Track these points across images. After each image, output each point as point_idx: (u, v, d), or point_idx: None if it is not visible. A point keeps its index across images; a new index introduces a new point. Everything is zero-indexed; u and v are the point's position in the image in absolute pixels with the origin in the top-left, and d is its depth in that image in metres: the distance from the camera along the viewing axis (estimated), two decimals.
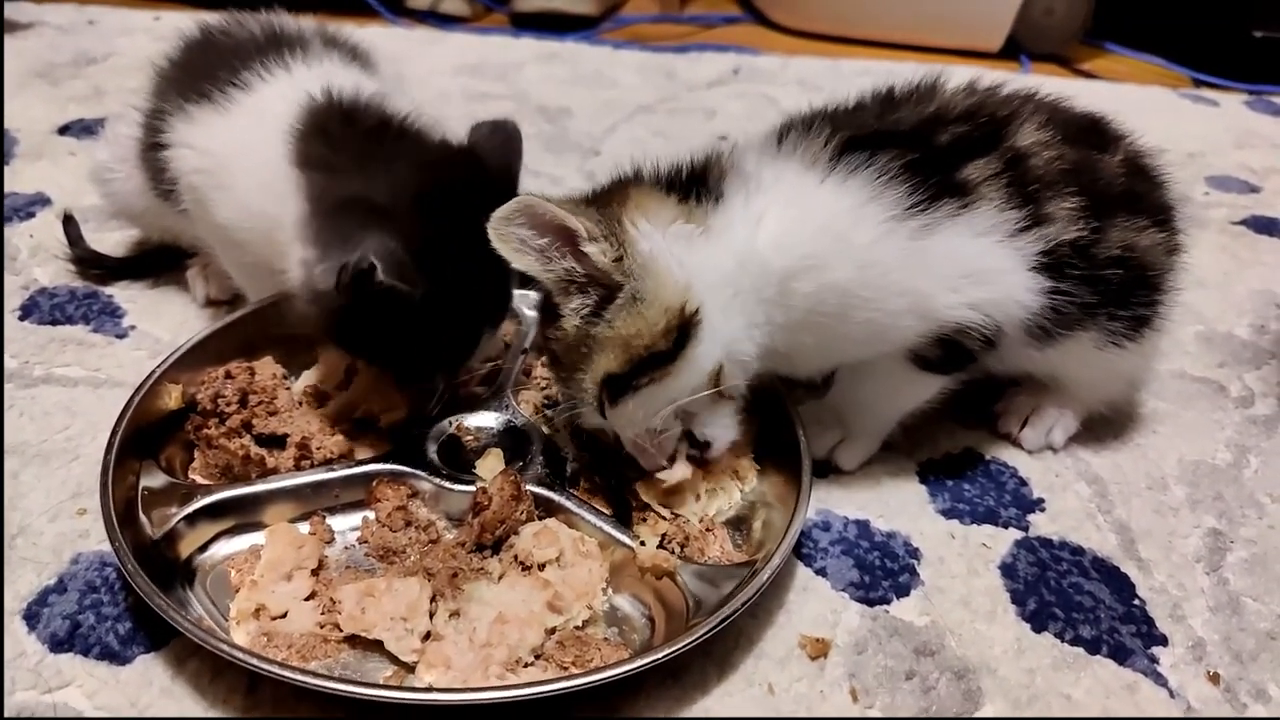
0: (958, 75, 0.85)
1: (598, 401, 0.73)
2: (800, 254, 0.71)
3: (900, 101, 0.82)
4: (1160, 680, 0.70)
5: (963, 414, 0.92)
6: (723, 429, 0.78)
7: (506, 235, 0.69)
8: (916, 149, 0.73)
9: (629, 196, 0.73)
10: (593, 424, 0.77)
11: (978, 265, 0.73)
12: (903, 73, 0.85)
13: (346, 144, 0.79)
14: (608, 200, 0.73)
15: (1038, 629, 0.73)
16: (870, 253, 0.71)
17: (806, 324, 0.74)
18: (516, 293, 1.01)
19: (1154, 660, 0.71)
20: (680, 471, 0.79)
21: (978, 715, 0.66)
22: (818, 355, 0.80)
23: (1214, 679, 0.70)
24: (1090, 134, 0.84)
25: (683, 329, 0.70)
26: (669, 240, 0.71)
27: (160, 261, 1.09)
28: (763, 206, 0.73)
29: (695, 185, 0.75)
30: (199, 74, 0.88)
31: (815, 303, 0.73)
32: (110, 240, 1.13)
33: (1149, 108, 1.86)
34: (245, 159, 0.82)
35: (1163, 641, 0.73)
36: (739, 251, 0.72)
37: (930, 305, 0.73)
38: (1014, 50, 2.19)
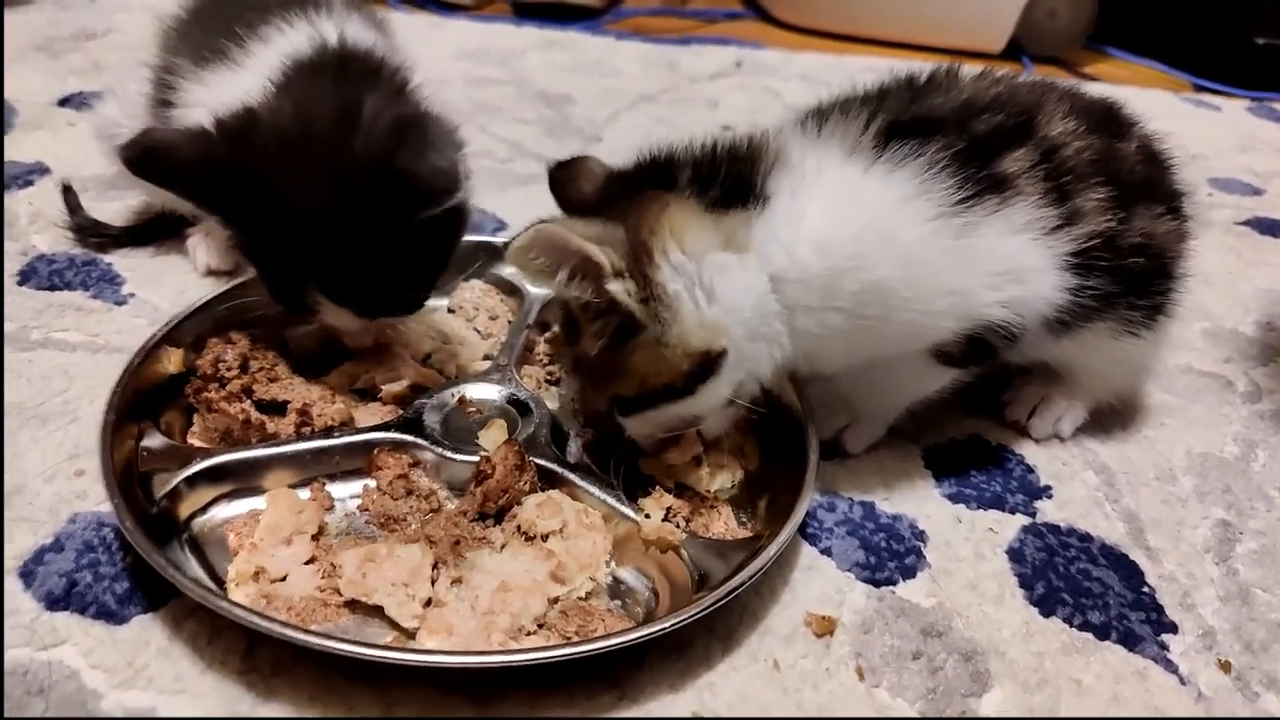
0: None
1: (607, 409, 0.73)
2: (845, 254, 0.68)
3: (928, 87, 0.79)
4: (1170, 667, 0.69)
5: (969, 401, 0.91)
6: (718, 421, 0.78)
7: (525, 264, 0.67)
8: (961, 138, 0.70)
9: (663, 219, 0.68)
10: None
11: (1016, 262, 0.71)
12: (908, 69, 0.82)
13: (330, 81, 0.77)
14: (640, 216, 0.68)
15: (1046, 613, 0.72)
16: (917, 250, 0.68)
17: (845, 329, 0.70)
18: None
19: (1164, 647, 0.71)
20: (686, 452, 0.79)
21: (981, 716, 0.65)
22: (846, 356, 0.77)
23: (1225, 667, 0.69)
24: (1108, 121, 0.83)
25: (705, 367, 0.69)
26: (705, 272, 0.67)
27: (160, 230, 1.07)
28: (806, 201, 0.69)
29: (739, 187, 0.70)
30: (212, 29, 0.86)
31: (858, 304, 0.69)
32: (110, 209, 1.11)
33: (1152, 111, 1.83)
34: None
35: (1172, 629, 0.72)
36: (780, 266, 0.69)
37: (970, 304, 0.71)
38: (1016, 52, 2.19)
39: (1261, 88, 2.03)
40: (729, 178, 0.70)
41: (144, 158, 0.71)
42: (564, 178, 0.78)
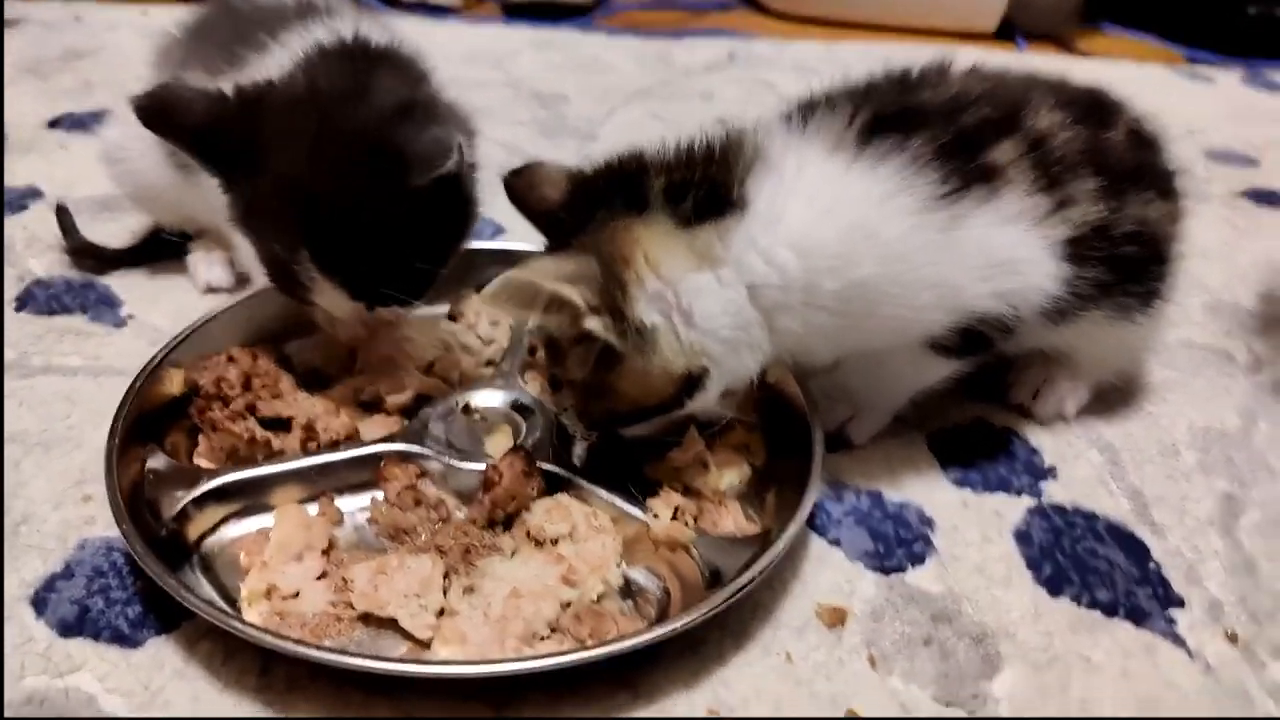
0: (961, 59, 0.82)
1: (605, 421, 0.74)
2: (826, 255, 0.67)
3: (917, 83, 0.78)
4: (1178, 641, 0.69)
5: (973, 385, 0.91)
6: (717, 412, 0.78)
7: (498, 308, 0.68)
8: (947, 131, 0.70)
9: (636, 250, 0.67)
10: None
11: (1010, 254, 0.70)
12: (901, 55, 0.83)
13: (349, 61, 0.77)
14: (611, 247, 0.67)
15: (1054, 593, 0.73)
16: (900, 246, 0.67)
17: (829, 326, 0.70)
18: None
19: (1171, 621, 0.71)
20: (688, 451, 0.79)
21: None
22: (832, 349, 0.77)
23: (1232, 638, 0.70)
24: (1094, 110, 0.82)
25: (690, 384, 0.70)
26: (683, 297, 0.67)
27: (157, 251, 1.08)
28: (785, 203, 0.68)
29: (714, 196, 0.69)
30: (226, 41, 0.86)
31: (842, 302, 0.69)
32: (104, 231, 1.11)
33: (1147, 86, 1.84)
34: None
35: (1179, 603, 0.72)
36: (758, 275, 0.68)
37: (959, 297, 0.71)
38: (1009, 32, 2.18)
39: (1254, 56, 2.03)
40: (703, 185, 0.69)
41: (159, 111, 0.72)
42: (522, 186, 0.78)
